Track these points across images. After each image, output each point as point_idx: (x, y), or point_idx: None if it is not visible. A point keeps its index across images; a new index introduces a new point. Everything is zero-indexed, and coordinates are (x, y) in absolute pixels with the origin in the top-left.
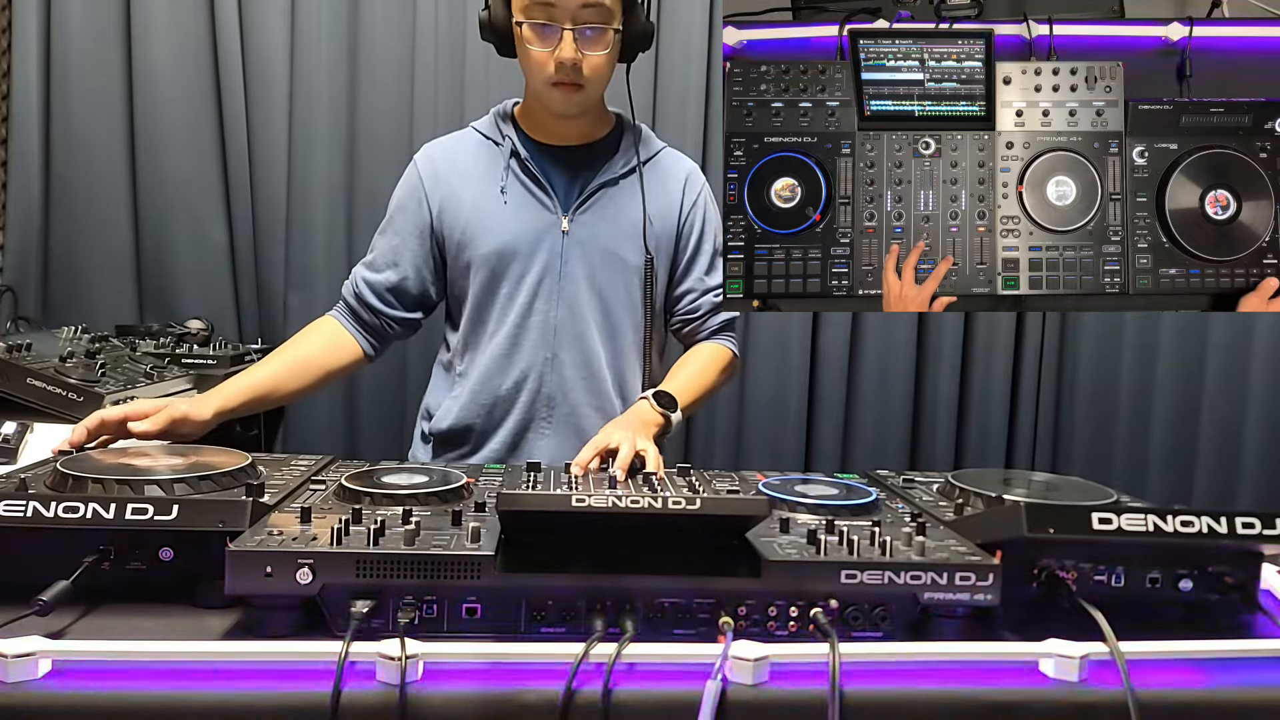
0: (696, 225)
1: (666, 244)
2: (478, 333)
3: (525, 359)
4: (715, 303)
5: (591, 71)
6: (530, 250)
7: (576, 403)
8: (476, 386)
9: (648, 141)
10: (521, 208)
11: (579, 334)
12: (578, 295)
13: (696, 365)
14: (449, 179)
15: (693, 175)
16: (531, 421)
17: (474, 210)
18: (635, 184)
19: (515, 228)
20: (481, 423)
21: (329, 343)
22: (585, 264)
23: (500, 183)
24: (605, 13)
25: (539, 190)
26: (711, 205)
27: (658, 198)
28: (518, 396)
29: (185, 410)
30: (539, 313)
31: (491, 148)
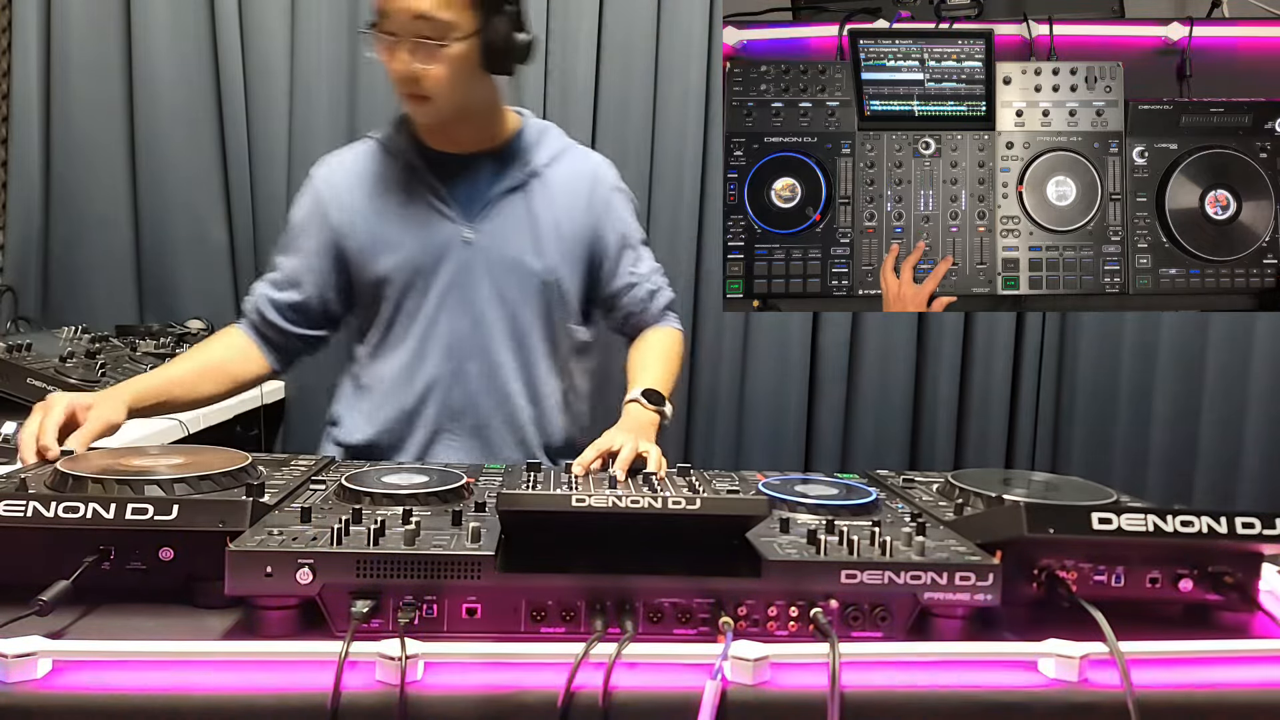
0: (610, 222)
1: (578, 247)
2: (383, 347)
3: (430, 372)
4: (651, 290)
5: (433, 85)
6: (433, 263)
7: (484, 414)
8: (382, 401)
9: (550, 143)
10: (421, 220)
11: (483, 346)
12: (482, 307)
13: (659, 352)
14: (348, 194)
15: (600, 172)
16: (439, 433)
17: (374, 225)
18: (539, 189)
19: (417, 241)
20: (389, 437)
21: (239, 352)
22: (489, 274)
23: (399, 195)
24: (441, 26)
25: (438, 201)
26: (624, 199)
27: (562, 200)
28: (424, 410)
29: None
30: (443, 325)
31: (389, 159)
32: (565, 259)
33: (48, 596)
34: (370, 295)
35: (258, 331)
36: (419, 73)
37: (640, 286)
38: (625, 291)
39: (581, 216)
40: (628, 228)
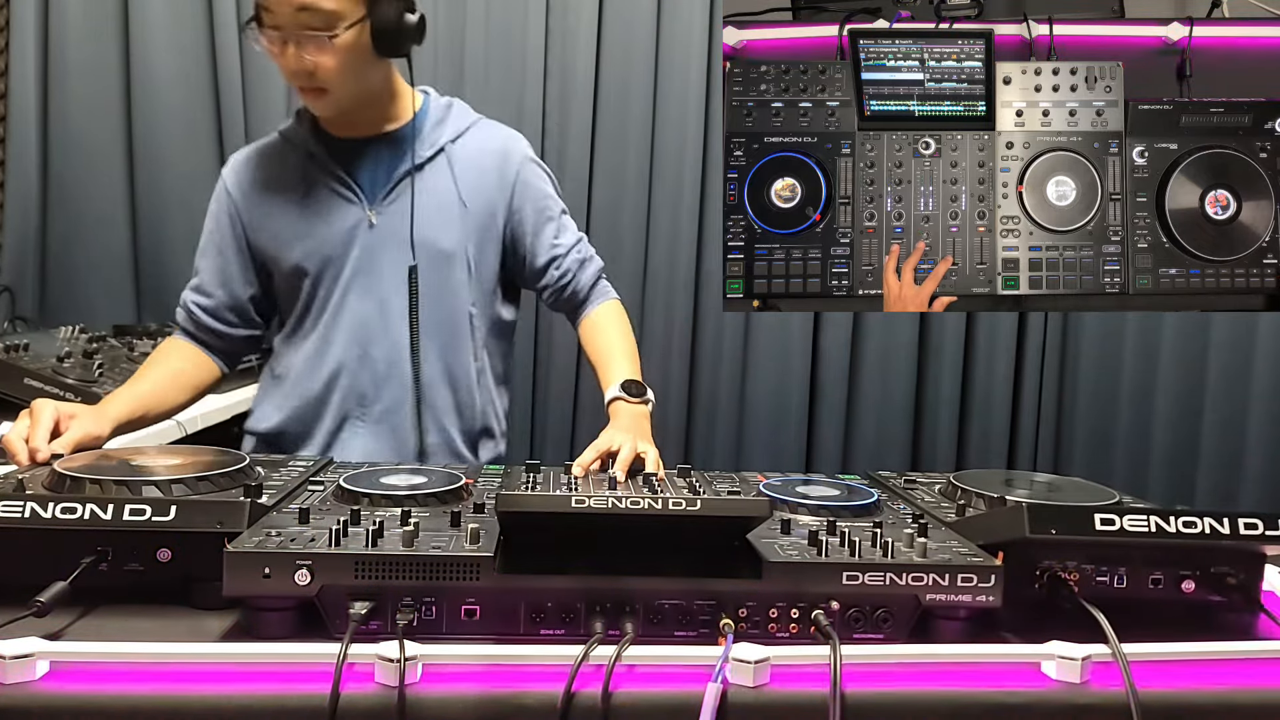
0: (525, 195)
1: (489, 222)
2: (294, 337)
3: (335, 358)
4: (579, 260)
5: (327, 75)
6: (340, 250)
7: (392, 400)
8: (289, 389)
9: (458, 118)
10: (326, 208)
11: (389, 329)
12: (387, 290)
13: (615, 336)
14: (255, 192)
15: (509, 146)
16: (346, 420)
17: (281, 219)
18: (445, 166)
19: (323, 230)
20: (296, 424)
21: (192, 360)
22: (396, 256)
23: (303, 185)
24: (327, 16)
25: (341, 187)
26: (537, 170)
27: (469, 176)
28: (330, 396)
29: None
30: (349, 310)
31: (294, 150)
32: (476, 235)
33: (45, 598)
34: (286, 287)
35: (194, 338)
36: (310, 66)
37: (566, 258)
38: (551, 265)
39: (492, 191)
40: (545, 199)
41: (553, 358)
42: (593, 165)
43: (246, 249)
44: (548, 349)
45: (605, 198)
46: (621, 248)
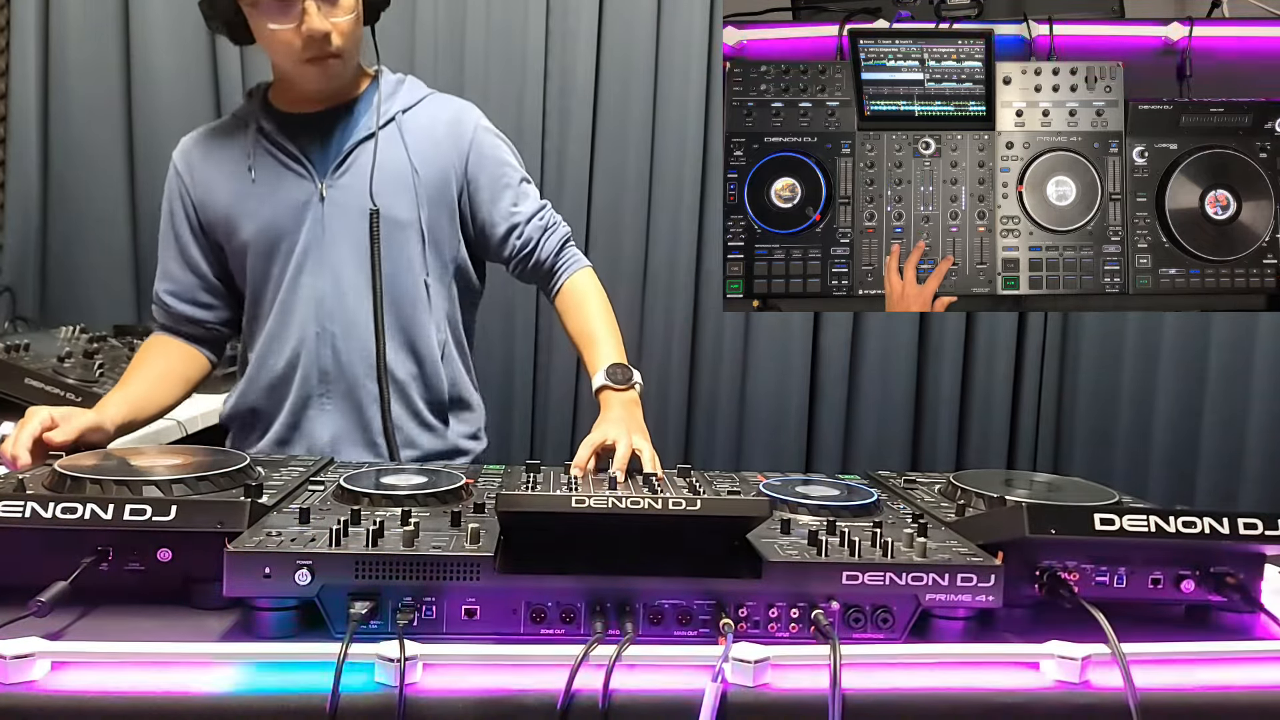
0: (482, 164)
1: (443, 190)
2: (255, 317)
3: (295, 336)
4: (541, 227)
5: (342, 38)
6: (292, 225)
7: (355, 376)
8: (254, 370)
9: (410, 90)
10: (275, 183)
11: (346, 305)
12: (341, 264)
13: (593, 312)
14: (203, 171)
15: (461, 115)
16: (309, 399)
17: (230, 196)
18: (395, 135)
19: (272, 205)
20: (264, 404)
21: (179, 355)
22: (348, 229)
23: (251, 161)
24: None
25: (290, 161)
26: (492, 138)
27: (421, 146)
28: (293, 375)
29: (96, 419)
30: (305, 286)
31: (243, 128)
32: (430, 204)
33: (46, 597)
34: (239, 265)
35: (173, 331)
36: (329, 28)
37: (526, 226)
38: (511, 234)
39: (445, 158)
40: (501, 167)
41: (553, 360)
42: (593, 165)
43: (200, 230)
44: (548, 352)
45: (605, 198)
46: (621, 248)
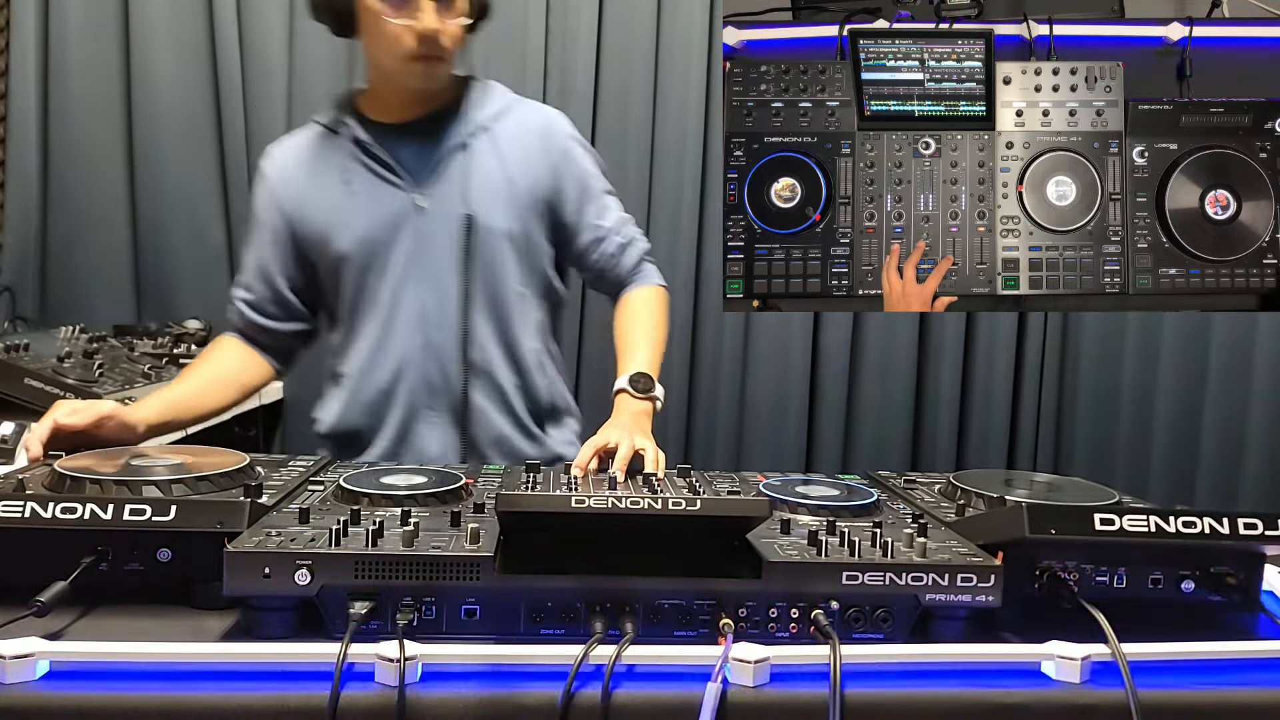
0: (570, 173)
1: (535, 200)
2: (353, 331)
3: (398, 349)
4: (621, 243)
5: (451, 41)
6: (389, 236)
7: (459, 387)
8: (355, 386)
9: (498, 97)
10: (372, 194)
11: (451, 315)
12: (444, 274)
13: (644, 324)
14: (297, 179)
15: (552, 123)
16: (416, 411)
17: (326, 207)
18: (488, 144)
19: (369, 216)
20: (367, 421)
21: (239, 360)
22: (449, 238)
23: (346, 173)
24: None
25: (386, 172)
26: (581, 148)
27: (514, 153)
28: (397, 389)
29: (114, 408)
30: (408, 298)
31: (334, 139)
32: (524, 213)
33: (45, 598)
34: (332, 279)
35: (246, 336)
36: (443, 29)
37: (609, 240)
38: (594, 246)
39: (536, 168)
40: (588, 177)
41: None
42: None
43: (289, 240)
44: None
45: None
46: None
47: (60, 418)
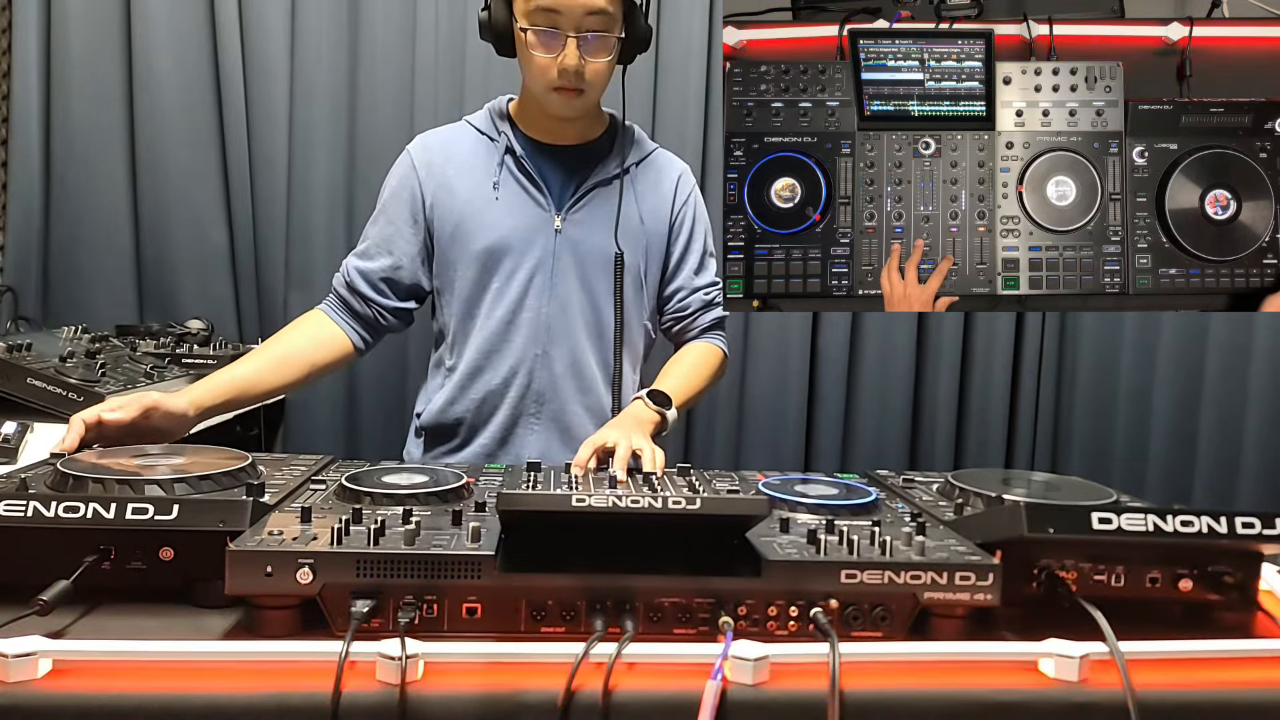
0: (686, 224)
1: (657, 243)
2: (467, 326)
3: (515, 354)
4: (705, 300)
5: (593, 77)
6: (523, 247)
7: (565, 400)
8: (466, 380)
9: (640, 142)
10: (515, 204)
11: (569, 331)
12: (569, 293)
13: (688, 364)
14: (443, 170)
15: (684, 176)
16: (520, 417)
17: (467, 204)
18: (629, 185)
19: (509, 224)
20: (471, 416)
21: (315, 337)
22: (577, 263)
23: (494, 178)
24: (609, 20)
25: (533, 188)
26: (701, 207)
27: (649, 197)
28: (507, 391)
29: (157, 398)
30: (530, 309)
31: (486, 143)
32: (649, 254)
33: (48, 596)
34: (457, 272)
35: (345, 305)
36: (583, 65)
37: (695, 296)
38: (683, 296)
39: (663, 213)
40: (699, 234)
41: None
42: None
43: (423, 223)
44: None
45: None
46: None
47: (105, 413)
